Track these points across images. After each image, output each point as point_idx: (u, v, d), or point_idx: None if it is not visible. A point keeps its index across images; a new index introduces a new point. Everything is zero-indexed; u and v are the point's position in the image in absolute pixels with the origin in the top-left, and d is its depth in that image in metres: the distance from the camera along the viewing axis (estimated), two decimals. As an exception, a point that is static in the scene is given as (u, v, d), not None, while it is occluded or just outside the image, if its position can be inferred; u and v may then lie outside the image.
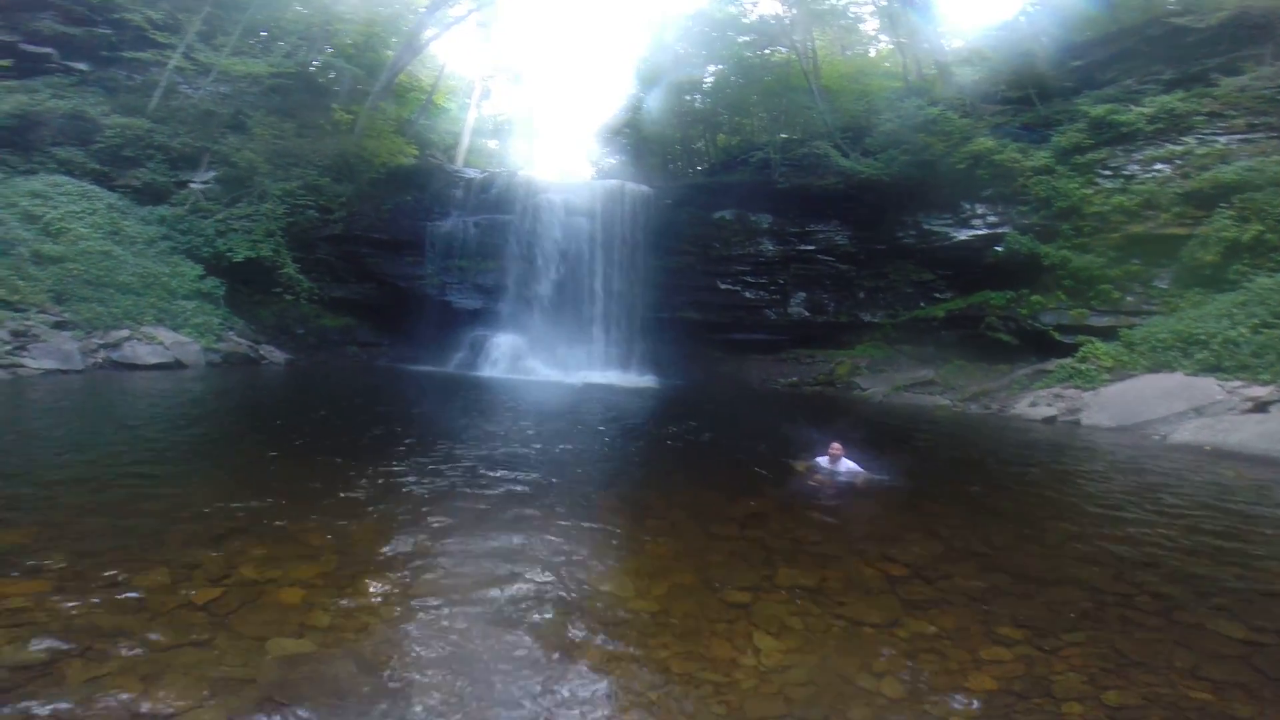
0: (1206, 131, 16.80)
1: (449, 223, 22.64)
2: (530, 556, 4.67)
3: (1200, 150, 16.58)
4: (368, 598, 3.86)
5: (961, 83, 22.60)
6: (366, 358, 21.80)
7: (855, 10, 29.30)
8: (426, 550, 4.65)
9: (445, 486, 6.40)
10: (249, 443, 8.59)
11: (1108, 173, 17.83)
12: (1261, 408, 11.50)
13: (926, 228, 20.61)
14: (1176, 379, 13.23)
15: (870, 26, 30.63)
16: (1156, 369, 14.01)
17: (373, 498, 5.85)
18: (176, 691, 2.81)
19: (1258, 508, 7.23)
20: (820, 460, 7.83)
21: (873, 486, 7.43)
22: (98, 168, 18.44)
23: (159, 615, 3.45)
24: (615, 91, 34.53)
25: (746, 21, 27.48)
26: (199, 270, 17.94)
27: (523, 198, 23.05)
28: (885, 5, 27.50)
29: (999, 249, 19.06)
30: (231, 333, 17.70)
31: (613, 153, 36.73)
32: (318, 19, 23.71)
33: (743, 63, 26.75)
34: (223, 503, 5.35)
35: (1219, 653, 3.77)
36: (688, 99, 29.97)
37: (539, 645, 3.49)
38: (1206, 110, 16.90)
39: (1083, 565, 5.15)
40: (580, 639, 3.61)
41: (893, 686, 3.31)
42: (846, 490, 7.34)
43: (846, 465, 7.62)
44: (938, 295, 21.05)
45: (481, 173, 25.39)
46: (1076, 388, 14.83)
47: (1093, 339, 16.02)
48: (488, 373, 20.30)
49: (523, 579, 4.28)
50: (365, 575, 4.15)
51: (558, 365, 20.82)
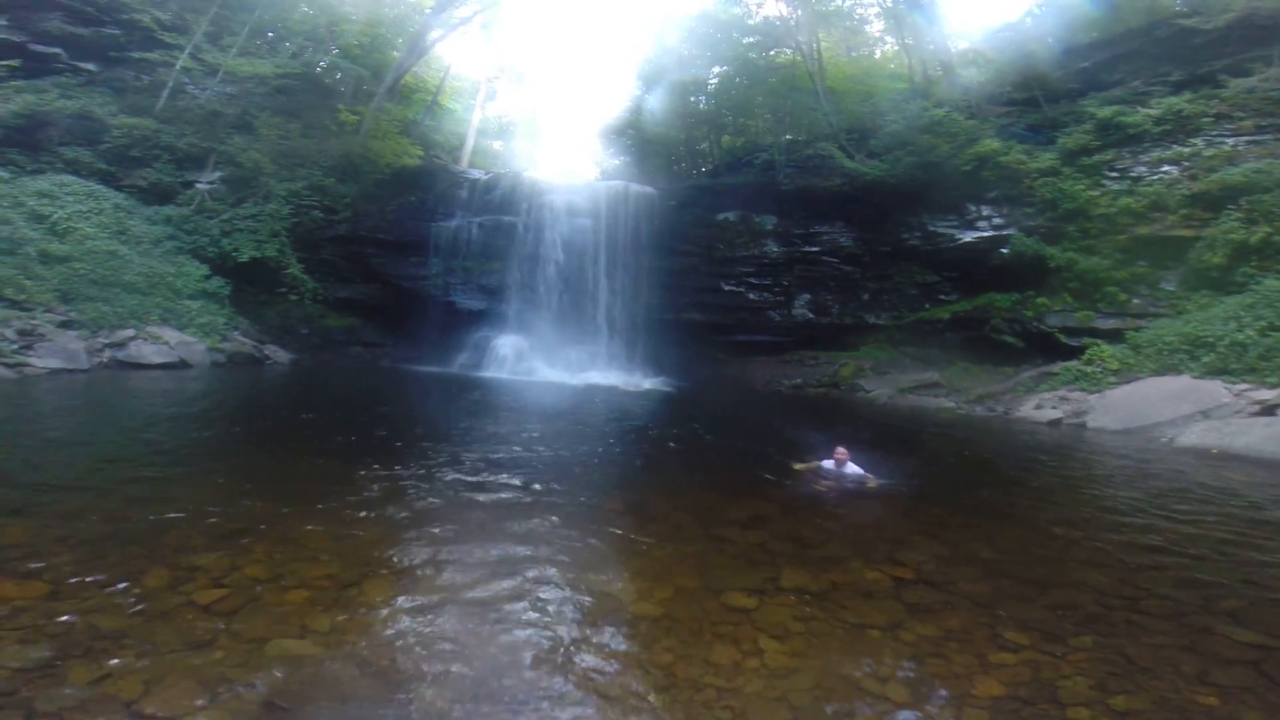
0: (1214, 133, 16.68)
1: (453, 223, 22.65)
2: (532, 559, 4.66)
3: (1208, 152, 16.47)
4: (370, 600, 3.85)
5: (967, 84, 22.52)
6: (370, 358, 21.83)
7: (860, 11, 29.36)
8: (429, 552, 4.64)
9: (448, 488, 6.40)
10: (253, 443, 8.60)
11: (1114, 174, 17.73)
12: (1269, 411, 11.41)
13: (931, 229, 20.52)
14: (1183, 382, 13.14)
15: (876, 28, 30.66)
16: (1163, 372, 13.91)
17: (376, 499, 5.85)
18: (178, 694, 2.81)
19: (1266, 511, 7.16)
20: (825, 464, 7.80)
21: (877, 491, 7.39)
22: (105, 168, 18.53)
23: (161, 617, 3.45)
24: (619, 93, 34.65)
25: (751, 23, 27.53)
26: (204, 270, 18.00)
27: (527, 199, 23.04)
28: (890, 6, 27.48)
29: (1004, 251, 18.97)
30: (236, 333, 17.75)
31: (617, 154, 36.78)
32: (324, 20, 23.80)
33: (747, 64, 26.76)
34: (226, 504, 5.35)
35: (1227, 658, 3.73)
36: (692, 100, 30.02)
37: (541, 649, 3.47)
38: (1214, 112, 16.77)
39: (1089, 569, 5.12)
40: (583, 643, 3.59)
41: (898, 691, 3.29)
42: (851, 494, 7.31)
43: (852, 469, 7.59)
44: (943, 297, 20.96)
45: (486, 174, 25.40)
46: (1082, 390, 14.75)
47: (1099, 341, 15.94)
48: (491, 373, 20.30)
49: (525, 582, 4.26)
50: (368, 577, 4.15)
51: (561, 366, 20.81)
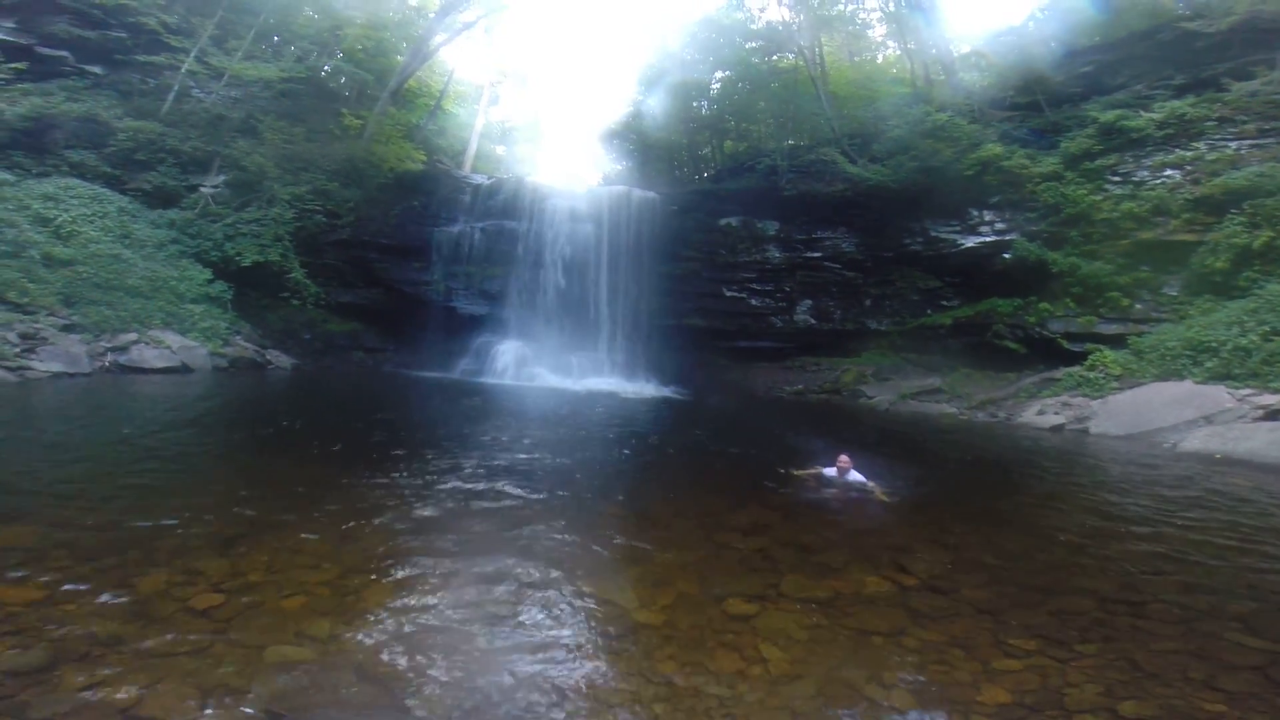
0: (1217, 137, 16.65)
1: (456, 228, 22.66)
2: (532, 565, 4.63)
3: (1211, 156, 16.44)
4: (369, 606, 3.82)
5: (969, 88, 22.55)
6: (372, 363, 21.82)
7: (863, 16, 29.42)
8: (428, 559, 4.61)
9: (448, 494, 6.37)
10: (252, 449, 8.59)
11: (1117, 179, 17.71)
12: (1273, 416, 11.34)
13: (934, 234, 20.50)
14: (1186, 387, 13.08)
15: (878, 32, 30.75)
16: (1166, 377, 13.85)
17: (375, 506, 5.83)
18: (173, 700, 2.78)
19: (1271, 517, 7.11)
20: (828, 471, 7.75)
21: (880, 498, 7.34)
22: (110, 171, 18.57)
23: (157, 621, 3.42)
24: (621, 97, 34.67)
25: (754, 27, 27.64)
26: (207, 274, 18.00)
27: (529, 204, 23.05)
28: (893, 11, 27.55)
29: (1007, 256, 18.94)
30: (238, 337, 17.74)
31: (619, 158, 36.82)
32: (328, 24, 23.92)
33: (750, 69, 26.79)
34: (225, 509, 5.33)
35: (1235, 664, 3.70)
36: (694, 105, 30.07)
37: (541, 656, 3.44)
38: (1217, 115, 16.76)
39: (1094, 575, 5.08)
40: (583, 650, 3.56)
41: (902, 698, 3.25)
42: (853, 501, 7.27)
43: (854, 477, 7.53)
44: (945, 303, 20.91)
45: (489, 178, 25.42)
46: (1084, 396, 14.69)
47: (1101, 347, 15.89)
48: (493, 379, 20.28)
49: (525, 589, 4.23)
50: (367, 584, 4.12)
51: (563, 372, 20.77)
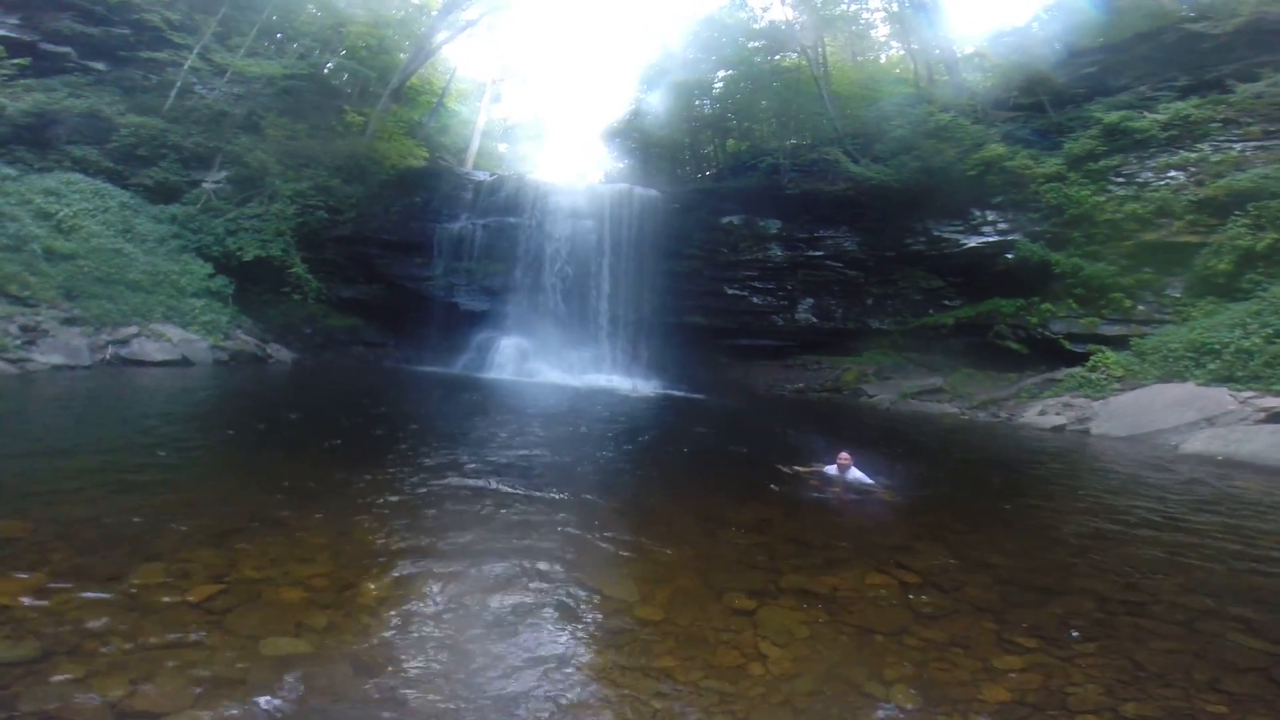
0: (1221, 138, 16.60)
1: (457, 225, 22.63)
2: (532, 561, 4.60)
3: (1215, 157, 16.39)
4: (367, 599, 3.80)
5: (973, 89, 22.49)
6: (373, 358, 21.82)
7: (866, 16, 29.34)
8: (427, 553, 4.59)
9: (447, 489, 6.35)
10: (251, 442, 8.57)
11: (1120, 180, 17.66)
12: (1275, 418, 11.30)
13: (936, 234, 20.45)
14: (1188, 389, 13.05)
15: (881, 32, 30.68)
16: (1168, 379, 13.82)
17: (374, 499, 5.81)
18: (164, 692, 2.75)
19: (1273, 518, 7.09)
20: (828, 469, 7.73)
21: (881, 496, 7.32)
22: (112, 166, 18.57)
23: (153, 613, 3.39)
24: (624, 95, 34.58)
25: (757, 27, 27.60)
26: (209, 269, 18.01)
27: (531, 201, 23.03)
28: (896, 11, 27.48)
29: (1009, 256, 18.90)
30: (239, 331, 17.75)
31: (621, 156, 36.77)
32: (331, 21, 23.90)
33: (753, 68, 26.75)
34: (224, 501, 5.32)
35: (1237, 665, 3.68)
36: (697, 104, 30.01)
37: (539, 651, 3.42)
38: (1221, 117, 16.70)
39: (1095, 575, 5.06)
40: (582, 645, 3.54)
41: (903, 696, 3.23)
42: (854, 499, 7.25)
43: (855, 475, 7.51)
44: (947, 303, 20.87)
45: (490, 175, 25.39)
46: (1086, 397, 14.65)
47: (1103, 348, 15.85)
48: (493, 375, 20.27)
49: (524, 583, 4.21)
50: (365, 577, 4.09)
51: (563, 368, 20.77)
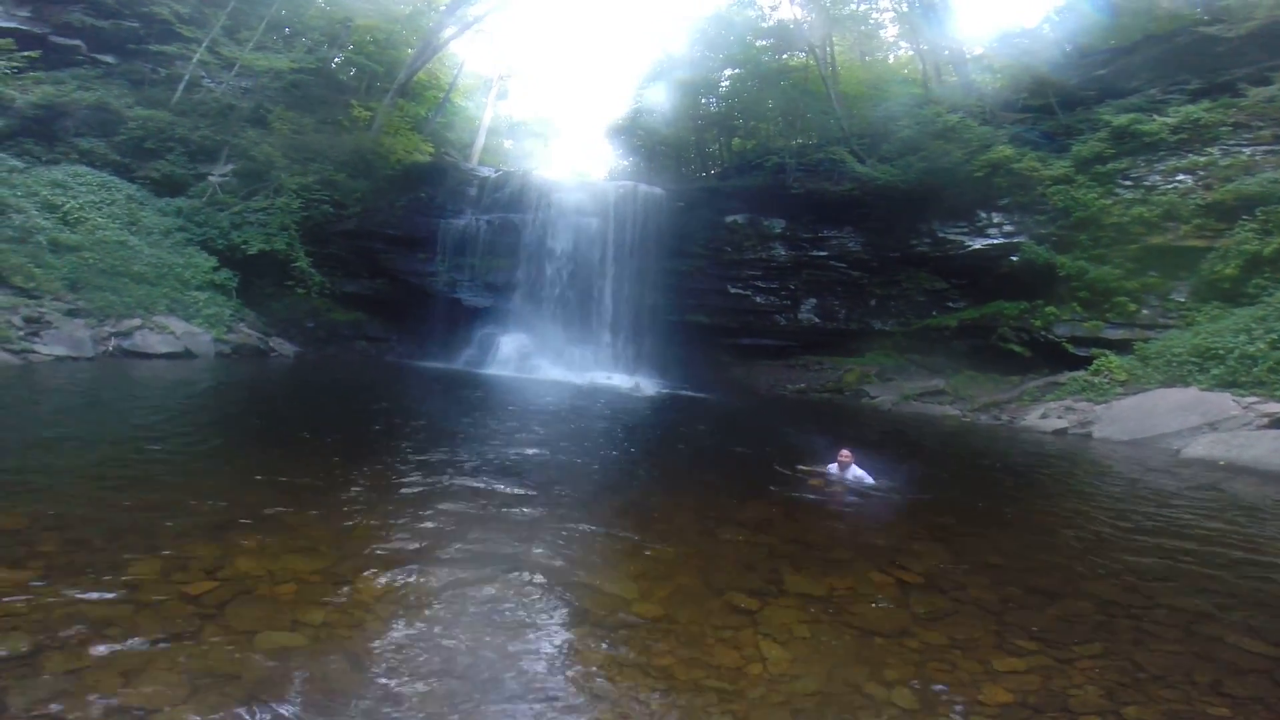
0: (1231, 142, 16.47)
1: (462, 221, 22.65)
2: (531, 557, 4.59)
3: (1224, 161, 16.27)
4: (364, 595, 3.78)
5: (981, 90, 22.37)
6: (375, 353, 21.85)
7: (875, 16, 29.19)
8: (425, 549, 4.58)
9: (447, 484, 6.34)
10: (252, 435, 8.58)
11: (1128, 183, 17.54)
12: (1277, 424, 11.26)
13: (941, 236, 20.37)
14: (1190, 393, 12.99)
15: (890, 32, 30.48)
16: (1171, 383, 13.76)
17: (373, 494, 5.80)
18: (158, 686, 2.73)
19: (1274, 524, 7.05)
20: (830, 467, 7.72)
21: (882, 494, 7.30)
22: (119, 159, 18.63)
23: (148, 607, 3.37)
24: (629, 94, 34.45)
25: (765, 25, 27.48)
26: (213, 262, 18.04)
27: (535, 197, 23.02)
28: (905, 11, 27.35)
29: (1014, 259, 18.81)
30: (242, 324, 17.78)
31: (626, 154, 36.72)
32: (339, 16, 23.90)
33: (760, 67, 26.65)
34: (222, 495, 5.30)
35: (1239, 668, 3.66)
36: (703, 101, 29.94)
37: (538, 648, 3.40)
38: (1232, 121, 16.57)
39: (1097, 578, 5.03)
40: (580, 642, 3.53)
41: (904, 697, 3.21)
42: (855, 498, 7.22)
43: (855, 472, 7.50)
44: (950, 304, 20.79)
45: (495, 171, 25.40)
46: (1088, 400, 14.59)
47: (1107, 352, 15.77)
48: (495, 371, 20.28)
49: (522, 580, 4.20)
50: (362, 572, 4.08)
51: (565, 365, 20.77)
